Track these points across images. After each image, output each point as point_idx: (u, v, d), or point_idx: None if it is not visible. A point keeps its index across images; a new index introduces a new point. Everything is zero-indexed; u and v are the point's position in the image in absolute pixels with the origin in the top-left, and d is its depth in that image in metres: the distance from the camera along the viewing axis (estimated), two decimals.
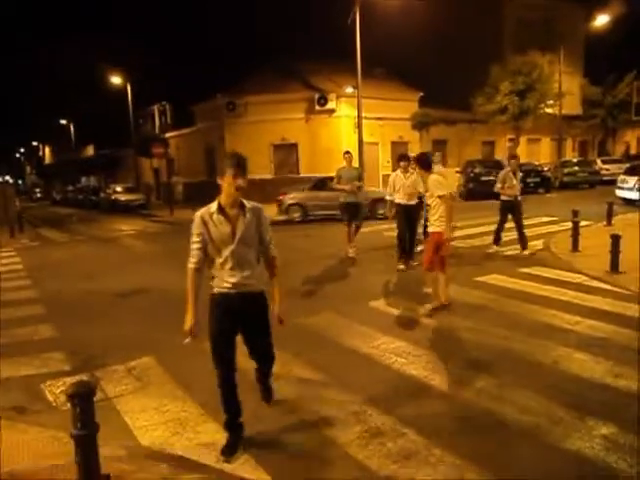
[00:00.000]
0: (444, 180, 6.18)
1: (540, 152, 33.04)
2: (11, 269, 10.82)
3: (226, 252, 3.24)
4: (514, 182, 9.54)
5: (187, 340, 3.21)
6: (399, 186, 8.66)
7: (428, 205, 6.37)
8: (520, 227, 9.50)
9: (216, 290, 3.31)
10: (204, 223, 3.24)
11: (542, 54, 27.49)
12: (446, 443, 3.33)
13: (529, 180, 22.34)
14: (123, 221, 21.68)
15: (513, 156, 10.37)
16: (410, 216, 8.70)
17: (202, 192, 23.65)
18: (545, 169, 24.38)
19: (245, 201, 3.29)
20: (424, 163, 6.34)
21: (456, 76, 27.66)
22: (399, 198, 8.69)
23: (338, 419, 3.72)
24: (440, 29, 30.07)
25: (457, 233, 11.01)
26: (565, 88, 27.51)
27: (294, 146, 25.12)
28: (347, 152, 9.80)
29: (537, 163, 26.01)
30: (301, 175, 24.48)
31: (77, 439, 2.84)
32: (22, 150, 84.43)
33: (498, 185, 9.65)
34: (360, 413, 3.79)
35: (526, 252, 9.26)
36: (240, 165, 3.22)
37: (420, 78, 27.08)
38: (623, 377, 4.18)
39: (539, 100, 25.87)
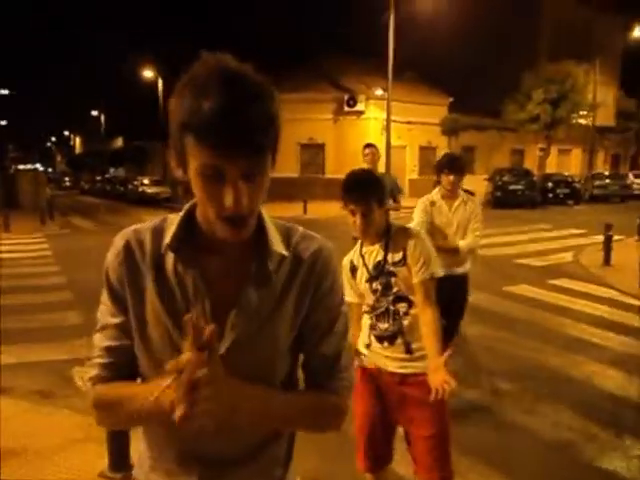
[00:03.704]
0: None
1: (571, 163, 32.54)
2: (41, 255, 11.03)
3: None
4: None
5: None
6: (438, 229, 3.82)
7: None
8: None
9: None
10: (114, 294, 1.01)
11: (577, 63, 27.06)
12: (477, 453, 3.27)
13: (559, 191, 22.09)
14: (149, 213, 21.93)
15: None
16: (453, 300, 3.68)
17: None
18: (575, 180, 23.98)
19: (274, 227, 1.02)
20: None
21: (487, 82, 27.46)
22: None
23: None
24: (473, 34, 29.82)
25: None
26: (600, 99, 27.10)
27: (321, 147, 25.18)
28: (370, 145, 5.66)
29: (567, 174, 25.61)
30: (327, 176, 24.52)
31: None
32: (53, 139, 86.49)
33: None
34: None
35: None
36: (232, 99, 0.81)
37: (451, 83, 26.93)
38: None
39: (572, 110, 25.47)
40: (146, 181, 29.72)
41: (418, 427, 2.21)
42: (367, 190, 2.20)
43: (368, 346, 2.32)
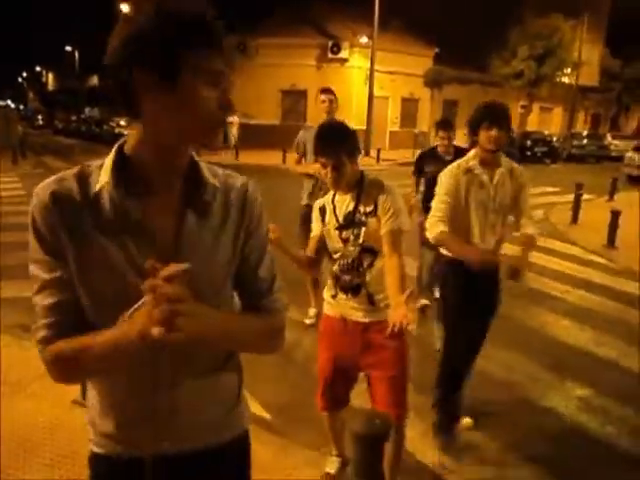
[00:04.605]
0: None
1: (552, 122, 32.68)
2: (14, 194, 10.89)
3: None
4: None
5: None
6: (476, 207, 2.83)
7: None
8: None
9: (96, 447, 1.13)
10: (47, 246, 1.04)
11: (565, 18, 26.66)
12: (432, 392, 3.51)
13: (536, 149, 22.27)
14: None
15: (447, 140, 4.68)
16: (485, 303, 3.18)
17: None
18: (554, 139, 24.14)
19: (202, 165, 1.08)
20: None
21: (474, 35, 26.90)
22: (469, 255, 2.78)
23: None
24: None
25: None
26: (585, 57, 26.95)
27: (303, 93, 24.69)
28: (326, 90, 4.70)
29: (546, 133, 25.74)
30: (308, 124, 24.22)
31: None
32: (25, 75, 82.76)
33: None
34: None
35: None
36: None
37: (437, 34, 26.34)
38: (605, 345, 4.37)
39: (557, 67, 25.33)
40: (123, 122, 28.92)
41: (379, 369, 2.31)
42: (336, 143, 2.19)
43: (334, 296, 2.38)
